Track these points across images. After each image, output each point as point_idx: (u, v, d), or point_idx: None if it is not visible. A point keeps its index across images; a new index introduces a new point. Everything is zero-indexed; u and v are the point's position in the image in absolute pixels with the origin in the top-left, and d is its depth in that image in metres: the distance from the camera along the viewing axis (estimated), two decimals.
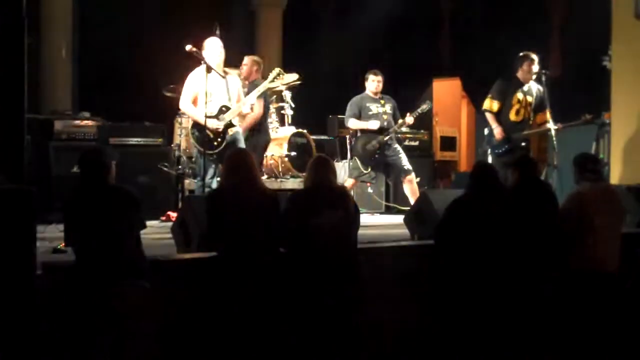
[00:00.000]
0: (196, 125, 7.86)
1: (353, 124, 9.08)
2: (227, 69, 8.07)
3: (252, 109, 8.27)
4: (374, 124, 8.91)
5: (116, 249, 4.80)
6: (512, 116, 8.60)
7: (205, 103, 7.72)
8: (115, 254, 4.79)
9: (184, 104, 7.97)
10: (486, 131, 8.70)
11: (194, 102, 7.91)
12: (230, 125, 7.85)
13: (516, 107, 8.59)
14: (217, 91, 7.84)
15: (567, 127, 8.71)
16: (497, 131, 8.51)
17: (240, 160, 5.56)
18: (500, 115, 8.58)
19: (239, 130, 8.02)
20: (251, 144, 8.38)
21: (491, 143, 8.60)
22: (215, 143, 7.78)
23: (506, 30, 11.89)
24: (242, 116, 8.29)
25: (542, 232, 5.98)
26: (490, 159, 8.56)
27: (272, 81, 8.48)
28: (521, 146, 8.50)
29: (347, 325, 5.39)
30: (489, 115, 8.64)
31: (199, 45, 7.89)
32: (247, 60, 9.18)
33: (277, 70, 8.44)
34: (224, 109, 7.84)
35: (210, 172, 7.81)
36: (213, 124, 7.73)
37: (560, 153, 8.48)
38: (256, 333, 5.16)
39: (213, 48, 7.93)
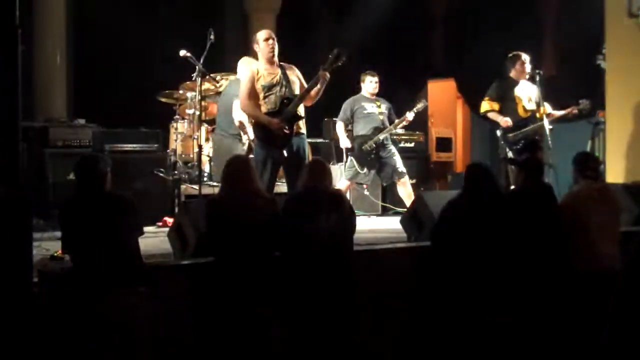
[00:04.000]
0: (258, 126, 7.38)
1: (338, 129, 9.15)
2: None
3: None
4: (344, 143, 9.08)
5: (114, 255, 4.80)
6: (521, 112, 8.58)
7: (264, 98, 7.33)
8: (113, 260, 4.79)
9: (244, 104, 7.47)
10: (498, 133, 8.57)
11: (252, 98, 7.38)
12: (296, 116, 7.30)
13: (520, 104, 8.59)
14: (276, 85, 7.35)
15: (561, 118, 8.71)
16: (504, 120, 8.43)
17: (239, 167, 5.54)
18: (507, 115, 8.52)
19: (304, 133, 7.48)
20: None
21: (507, 141, 8.49)
22: (281, 149, 7.20)
23: (499, 31, 11.92)
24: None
25: (543, 234, 5.98)
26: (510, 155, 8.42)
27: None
28: (534, 140, 8.42)
29: (345, 329, 5.39)
30: (491, 114, 8.58)
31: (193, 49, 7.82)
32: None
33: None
34: (285, 101, 7.30)
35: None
36: (275, 122, 7.18)
37: (556, 152, 8.48)
38: (253, 338, 5.17)
39: (262, 41, 7.43)
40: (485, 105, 8.66)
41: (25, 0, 5.15)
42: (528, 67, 8.68)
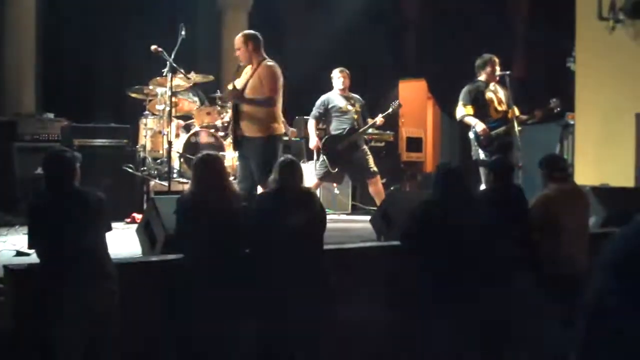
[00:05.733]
0: None
1: (310, 127, 9.15)
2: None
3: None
4: (312, 143, 9.06)
5: (82, 251, 4.75)
6: (493, 113, 8.54)
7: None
8: (81, 256, 4.74)
9: None
10: (471, 135, 8.53)
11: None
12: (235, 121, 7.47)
13: (492, 105, 8.56)
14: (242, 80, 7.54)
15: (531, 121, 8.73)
16: (480, 127, 8.36)
17: (209, 164, 5.51)
18: (479, 117, 8.48)
19: (249, 136, 7.39)
20: None
21: (480, 143, 8.47)
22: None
23: (471, 32, 11.96)
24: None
25: (512, 235, 6.00)
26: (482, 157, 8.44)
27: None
28: (507, 142, 8.40)
29: (315, 327, 5.38)
30: (468, 118, 8.49)
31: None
32: None
33: None
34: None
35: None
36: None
37: (526, 154, 8.51)
38: (222, 335, 5.14)
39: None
40: (462, 111, 8.57)
41: None
42: (498, 70, 8.67)
